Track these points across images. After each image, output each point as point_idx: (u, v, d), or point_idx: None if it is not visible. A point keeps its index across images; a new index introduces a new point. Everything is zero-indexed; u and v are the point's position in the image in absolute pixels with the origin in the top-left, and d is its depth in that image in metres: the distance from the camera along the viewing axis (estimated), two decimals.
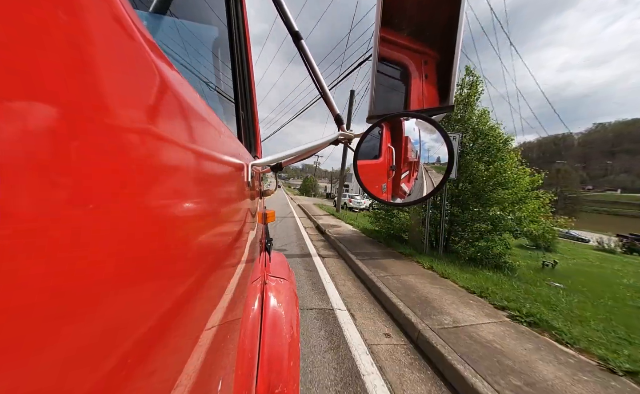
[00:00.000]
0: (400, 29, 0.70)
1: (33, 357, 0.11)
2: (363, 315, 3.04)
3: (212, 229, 0.37)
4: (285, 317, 0.89)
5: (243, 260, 0.61)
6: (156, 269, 0.21)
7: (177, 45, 0.91)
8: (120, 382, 0.17)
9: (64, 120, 0.13)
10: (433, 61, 0.70)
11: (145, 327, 0.20)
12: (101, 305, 0.15)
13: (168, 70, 0.26)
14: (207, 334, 0.33)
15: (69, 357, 0.13)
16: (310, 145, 0.78)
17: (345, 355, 2.22)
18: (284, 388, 0.72)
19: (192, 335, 0.29)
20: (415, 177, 0.79)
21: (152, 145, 0.22)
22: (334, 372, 2.00)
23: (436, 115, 0.68)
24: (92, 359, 0.15)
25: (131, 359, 0.18)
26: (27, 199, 0.11)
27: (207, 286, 0.34)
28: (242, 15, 0.96)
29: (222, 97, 1.07)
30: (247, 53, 1.02)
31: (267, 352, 0.76)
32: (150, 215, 0.21)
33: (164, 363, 0.22)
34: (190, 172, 0.30)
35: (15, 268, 0.11)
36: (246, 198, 0.67)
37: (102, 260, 0.16)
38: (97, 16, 0.16)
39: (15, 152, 0.11)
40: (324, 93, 0.81)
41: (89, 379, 0.14)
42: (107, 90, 0.16)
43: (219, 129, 0.45)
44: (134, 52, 0.20)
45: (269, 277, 1.11)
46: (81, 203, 0.14)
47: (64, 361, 0.13)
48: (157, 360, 0.21)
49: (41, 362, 0.12)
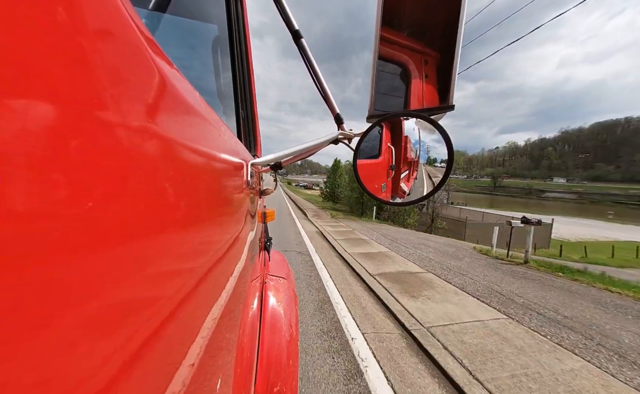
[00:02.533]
0: (401, 28, 0.70)
1: (33, 357, 0.11)
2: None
3: (211, 228, 0.37)
4: (284, 316, 0.89)
5: (242, 258, 0.61)
6: (155, 268, 0.21)
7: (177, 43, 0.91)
8: (120, 381, 0.17)
9: (62, 118, 0.13)
10: (433, 61, 0.70)
11: (144, 326, 0.20)
12: (99, 303, 0.15)
13: (167, 68, 0.26)
14: (206, 333, 0.33)
15: (68, 355, 0.13)
16: (309, 144, 0.78)
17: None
18: (283, 386, 0.73)
19: (191, 334, 0.29)
20: (414, 176, 0.79)
21: (151, 143, 0.21)
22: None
23: (436, 114, 0.68)
24: (91, 357, 0.15)
25: (130, 358, 0.18)
26: (26, 197, 0.11)
27: (206, 285, 0.34)
28: (242, 12, 0.96)
29: (222, 95, 1.07)
30: (247, 51, 1.02)
31: (267, 351, 0.76)
32: (149, 214, 0.21)
33: (163, 362, 0.22)
34: (189, 170, 0.30)
35: (15, 267, 0.11)
36: (246, 197, 0.67)
37: (100, 258, 0.15)
38: (95, 13, 0.16)
39: (13, 149, 0.11)
40: (324, 92, 0.81)
41: (87, 377, 0.14)
42: (105, 88, 0.16)
43: (218, 127, 0.45)
44: (133, 50, 0.20)
45: (269, 276, 1.11)
46: (79, 202, 0.14)
47: (64, 360, 0.13)
48: (157, 359, 0.21)
49: (41, 361, 0.12)
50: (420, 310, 3.38)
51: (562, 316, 3.46)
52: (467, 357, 2.43)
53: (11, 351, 0.11)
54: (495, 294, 4.07)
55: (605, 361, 2.54)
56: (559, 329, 3.10)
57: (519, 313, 3.47)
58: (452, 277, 4.81)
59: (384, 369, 2.30)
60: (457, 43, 0.61)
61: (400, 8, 0.69)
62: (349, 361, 2.41)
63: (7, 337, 0.11)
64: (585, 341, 2.90)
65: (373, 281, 4.37)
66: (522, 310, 3.57)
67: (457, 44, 0.61)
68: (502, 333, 2.93)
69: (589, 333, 3.07)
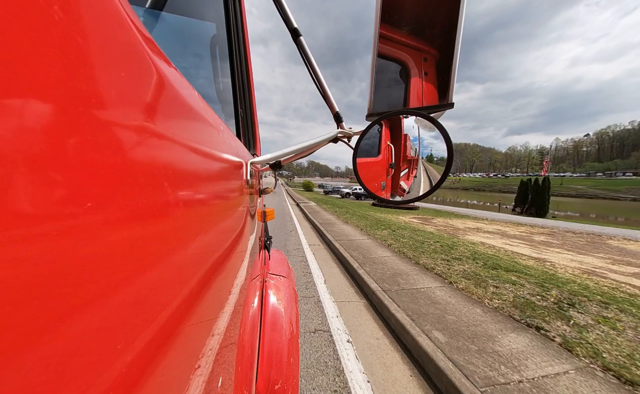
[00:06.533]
0: (400, 26, 0.70)
1: (33, 357, 0.12)
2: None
3: (211, 227, 0.37)
4: (284, 314, 0.89)
5: (242, 257, 0.61)
6: (155, 268, 0.21)
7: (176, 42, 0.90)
8: (120, 380, 0.17)
9: (60, 118, 0.13)
10: (433, 58, 0.70)
11: (145, 325, 0.20)
12: (100, 302, 0.15)
13: (166, 67, 0.26)
14: (206, 332, 0.33)
15: (69, 355, 0.13)
16: (309, 143, 0.77)
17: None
18: (284, 384, 0.73)
19: (191, 333, 0.29)
20: (414, 174, 0.79)
21: (150, 142, 0.21)
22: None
23: (436, 112, 0.68)
24: (92, 357, 0.15)
25: (131, 357, 0.18)
26: (25, 196, 0.11)
27: (207, 284, 0.34)
28: (241, 12, 0.95)
29: (220, 93, 1.07)
30: (246, 50, 1.01)
31: (267, 349, 0.77)
32: (148, 213, 0.21)
33: (164, 361, 0.22)
34: (188, 170, 0.29)
35: (14, 266, 0.11)
36: (245, 196, 0.67)
37: (100, 258, 0.15)
38: (93, 13, 0.16)
39: (12, 149, 0.11)
40: (323, 91, 0.81)
41: (88, 377, 0.14)
42: (104, 87, 0.16)
43: (217, 127, 0.45)
44: (131, 49, 0.20)
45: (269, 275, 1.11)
46: (78, 202, 0.14)
47: (64, 360, 0.13)
48: (157, 358, 0.21)
49: (40, 361, 0.12)
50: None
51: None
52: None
53: (11, 351, 0.11)
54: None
55: None
56: None
57: None
58: None
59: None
60: (457, 40, 0.61)
61: (399, 5, 0.69)
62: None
63: (6, 337, 0.11)
64: None
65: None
66: None
67: (457, 41, 0.61)
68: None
69: None
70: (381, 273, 4.04)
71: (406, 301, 3.11)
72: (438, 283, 3.75)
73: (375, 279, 3.79)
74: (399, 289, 3.47)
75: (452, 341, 2.35)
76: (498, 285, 3.66)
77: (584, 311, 3.02)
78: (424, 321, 2.68)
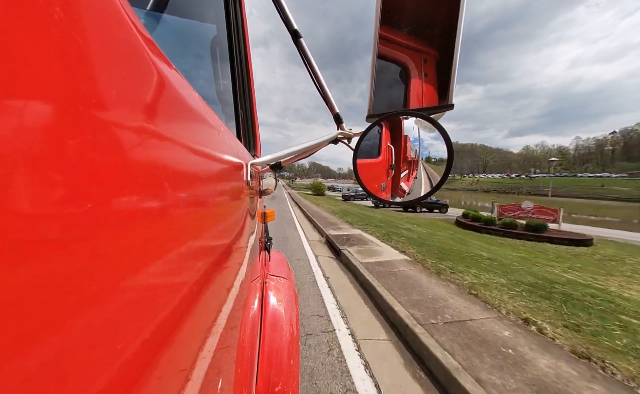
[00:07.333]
0: (400, 27, 0.70)
1: (33, 357, 0.11)
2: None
3: (211, 228, 0.37)
4: (285, 316, 0.89)
5: (243, 259, 0.61)
6: (155, 268, 0.21)
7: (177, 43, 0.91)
8: (120, 380, 0.17)
9: (61, 118, 0.13)
10: (433, 59, 0.70)
11: (145, 326, 0.20)
12: (100, 303, 0.15)
13: (166, 68, 0.26)
14: (206, 333, 0.33)
15: (69, 355, 0.13)
16: (309, 144, 0.77)
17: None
18: (284, 386, 0.73)
19: (192, 334, 0.29)
20: (414, 175, 0.79)
21: (150, 143, 0.21)
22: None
23: (436, 113, 0.68)
24: (92, 357, 0.15)
25: (131, 358, 0.18)
26: (25, 197, 0.11)
27: (207, 285, 0.34)
28: (241, 13, 0.95)
29: (221, 95, 1.07)
30: (246, 51, 1.01)
31: (267, 350, 0.77)
32: (149, 214, 0.21)
33: (164, 361, 0.22)
34: (189, 171, 0.30)
35: (14, 266, 0.11)
36: (245, 197, 0.66)
37: (100, 258, 0.15)
38: (94, 13, 0.16)
39: (12, 149, 0.11)
40: (324, 92, 0.81)
41: (88, 377, 0.14)
42: (104, 87, 0.16)
43: (217, 128, 0.45)
44: (132, 50, 0.20)
45: (269, 276, 1.11)
46: (78, 202, 0.14)
47: (64, 360, 0.13)
48: (157, 358, 0.21)
49: (40, 361, 0.12)
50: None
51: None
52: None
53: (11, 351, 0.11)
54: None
55: None
56: None
57: None
58: None
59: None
60: (457, 41, 0.61)
61: (399, 6, 0.69)
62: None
63: (6, 337, 0.11)
64: None
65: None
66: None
67: (457, 42, 0.61)
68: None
69: None
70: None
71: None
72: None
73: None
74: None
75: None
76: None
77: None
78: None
